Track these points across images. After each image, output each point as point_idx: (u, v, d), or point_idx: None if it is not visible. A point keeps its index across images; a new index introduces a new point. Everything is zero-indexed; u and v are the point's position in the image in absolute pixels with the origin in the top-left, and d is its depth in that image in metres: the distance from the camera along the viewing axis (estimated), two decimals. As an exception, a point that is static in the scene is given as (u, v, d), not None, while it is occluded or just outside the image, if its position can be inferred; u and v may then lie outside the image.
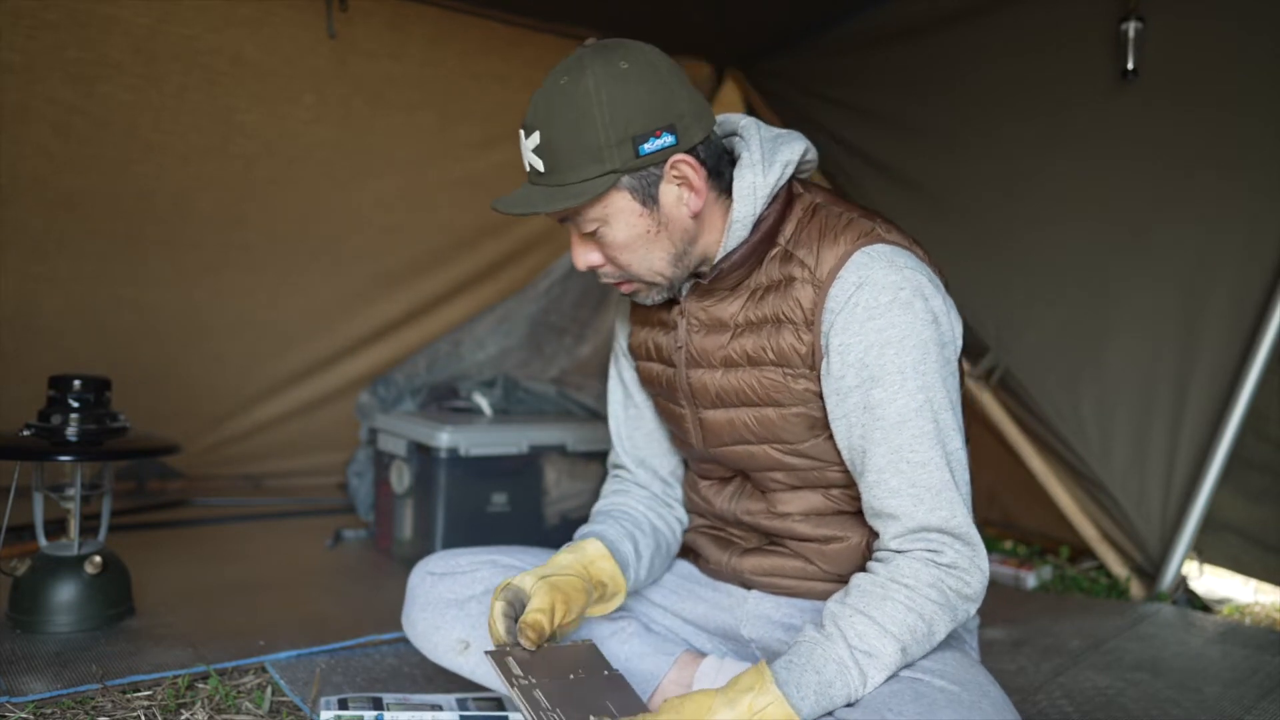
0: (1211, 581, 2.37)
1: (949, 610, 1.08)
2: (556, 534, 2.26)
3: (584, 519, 2.32)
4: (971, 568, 1.09)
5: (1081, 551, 2.50)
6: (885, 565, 1.10)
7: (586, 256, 1.18)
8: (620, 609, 1.33)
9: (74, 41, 2.44)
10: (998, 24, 2.48)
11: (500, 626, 1.12)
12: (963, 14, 2.55)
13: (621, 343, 1.42)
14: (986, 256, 2.50)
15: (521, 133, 1.14)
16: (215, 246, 2.79)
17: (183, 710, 1.37)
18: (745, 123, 1.21)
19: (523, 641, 1.11)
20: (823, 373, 1.13)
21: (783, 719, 0.99)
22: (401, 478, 2.23)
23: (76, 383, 1.67)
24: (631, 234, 1.13)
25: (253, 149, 2.75)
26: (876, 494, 1.11)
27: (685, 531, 1.43)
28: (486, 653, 1.11)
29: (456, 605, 1.32)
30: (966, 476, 1.12)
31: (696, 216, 1.15)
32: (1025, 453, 2.48)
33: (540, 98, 1.11)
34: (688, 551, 1.44)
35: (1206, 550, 2.29)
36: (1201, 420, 2.16)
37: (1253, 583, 2.38)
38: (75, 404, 1.66)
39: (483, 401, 2.43)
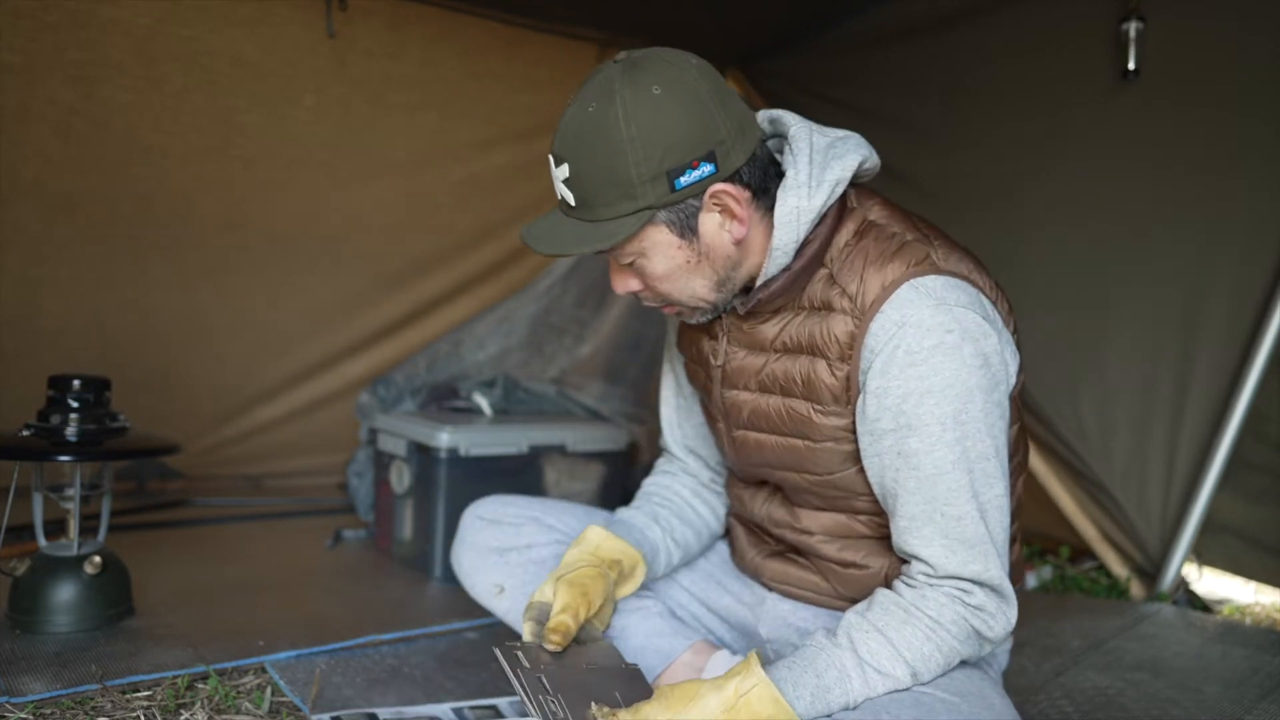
0: (1211, 582, 2.37)
1: (969, 645, 1.07)
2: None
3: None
4: (998, 614, 1.06)
5: (1081, 552, 2.50)
6: (912, 591, 1.07)
7: (625, 284, 1.13)
8: (649, 591, 1.36)
9: (74, 43, 2.44)
10: (998, 24, 2.48)
11: (510, 648, 1.13)
12: (963, 14, 2.55)
13: (672, 336, 1.41)
14: (986, 256, 2.46)
15: (551, 159, 1.06)
16: (215, 247, 2.79)
17: (182, 710, 1.37)
18: (796, 129, 1.10)
19: (548, 647, 1.12)
20: (858, 409, 1.08)
21: (769, 700, 0.99)
22: (401, 478, 2.23)
23: (76, 383, 1.67)
24: (670, 266, 1.07)
25: (253, 150, 2.75)
26: (908, 539, 1.08)
27: (733, 515, 1.43)
28: (496, 648, 1.12)
29: (498, 553, 1.39)
30: (1005, 523, 1.07)
31: (740, 242, 1.08)
32: (1025, 453, 2.48)
33: (569, 125, 1.02)
34: (728, 535, 1.46)
35: (1205, 552, 2.28)
36: (1202, 420, 2.16)
37: (1253, 583, 2.37)
38: (75, 404, 1.66)
39: (483, 401, 2.43)
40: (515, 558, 1.38)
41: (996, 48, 2.49)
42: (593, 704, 1.04)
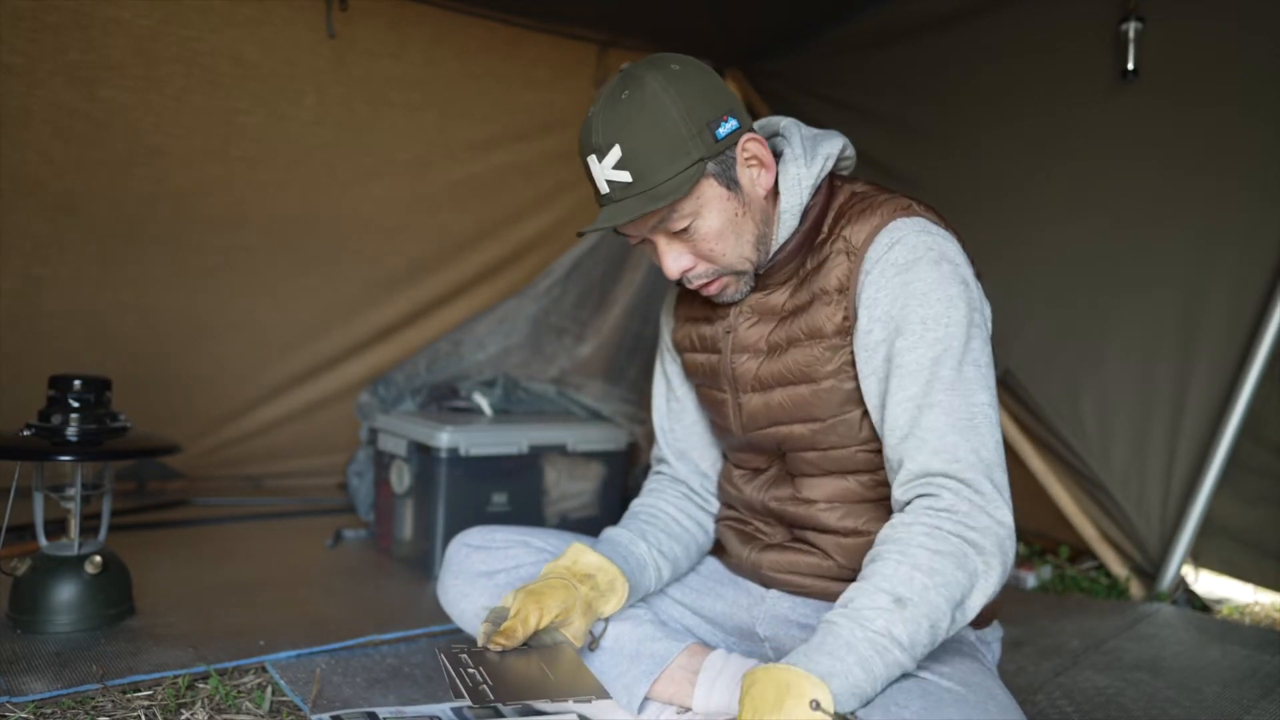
0: (1211, 581, 2.37)
1: (953, 559, 1.00)
2: (556, 534, 2.26)
3: (584, 519, 2.35)
4: (974, 511, 1.02)
5: (1081, 551, 2.50)
6: (883, 531, 1.07)
7: (679, 261, 1.20)
8: (641, 603, 1.38)
9: (75, 44, 2.44)
10: (997, 24, 2.48)
11: (484, 643, 1.22)
12: (963, 14, 2.55)
13: (666, 338, 1.47)
14: (986, 256, 2.47)
15: (591, 159, 1.15)
16: (216, 248, 2.79)
17: (183, 710, 1.38)
18: (786, 123, 1.27)
19: (491, 647, 1.19)
20: (854, 335, 1.17)
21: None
22: (401, 478, 2.24)
23: (77, 383, 1.67)
24: (723, 219, 1.17)
25: (254, 150, 2.75)
26: (889, 443, 1.12)
27: (722, 515, 1.45)
28: (438, 649, 1.18)
29: (486, 576, 1.40)
30: (995, 436, 1.07)
31: (768, 195, 1.21)
32: (1025, 452, 2.48)
33: (605, 117, 1.13)
34: (714, 545, 1.48)
35: (1202, 554, 2.28)
36: (1201, 420, 2.16)
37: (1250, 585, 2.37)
38: (75, 404, 1.67)
39: (483, 401, 2.43)
40: (503, 579, 1.38)
41: (996, 48, 2.49)
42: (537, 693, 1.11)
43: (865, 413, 1.20)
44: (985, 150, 2.54)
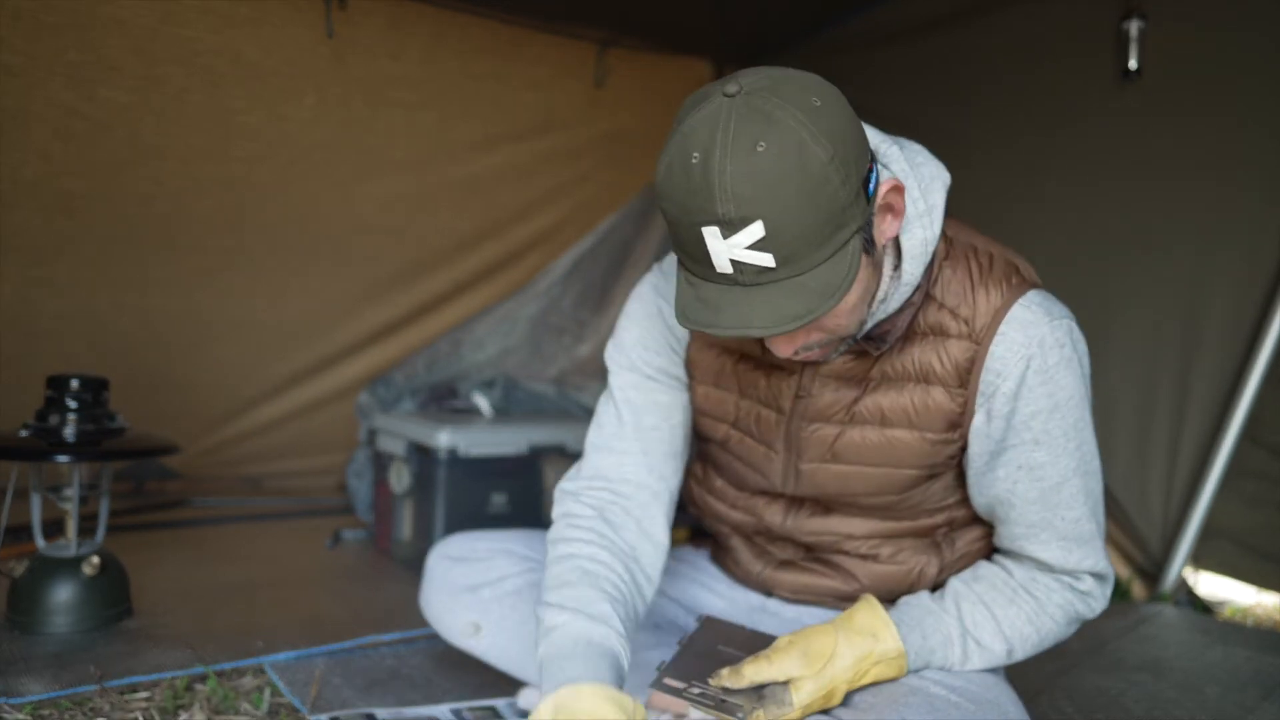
0: (1213, 583, 2.36)
1: (1064, 628, 1.12)
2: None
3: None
4: (1101, 596, 1.12)
5: (1083, 552, 2.49)
6: (1023, 572, 1.12)
7: (795, 340, 0.94)
8: None
9: (75, 44, 2.43)
10: (998, 24, 2.47)
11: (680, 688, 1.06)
12: (963, 14, 2.55)
13: (675, 357, 1.20)
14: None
15: (713, 230, 0.83)
16: (215, 248, 2.78)
17: (181, 711, 1.37)
18: (886, 148, 1.01)
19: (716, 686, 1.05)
20: (973, 431, 1.07)
21: (896, 669, 1.03)
22: (401, 478, 2.23)
23: (74, 383, 1.67)
24: (860, 292, 0.93)
25: (253, 151, 2.74)
26: (1023, 544, 1.11)
27: (716, 530, 1.35)
28: (672, 693, 1.07)
29: (470, 591, 1.34)
30: (1104, 513, 1.13)
31: (887, 244, 0.99)
32: (1026, 453, 2.47)
33: (738, 179, 0.80)
34: (711, 545, 1.40)
35: (1203, 557, 2.27)
36: (1203, 420, 2.15)
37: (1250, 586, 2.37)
38: (73, 404, 1.66)
39: (482, 401, 2.43)
40: (488, 593, 1.33)
41: (996, 47, 2.48)
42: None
43: (941, 477, 1.14)
44: (985, 149, 2.53)
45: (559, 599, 1.04)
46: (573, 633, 1.00)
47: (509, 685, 1.45)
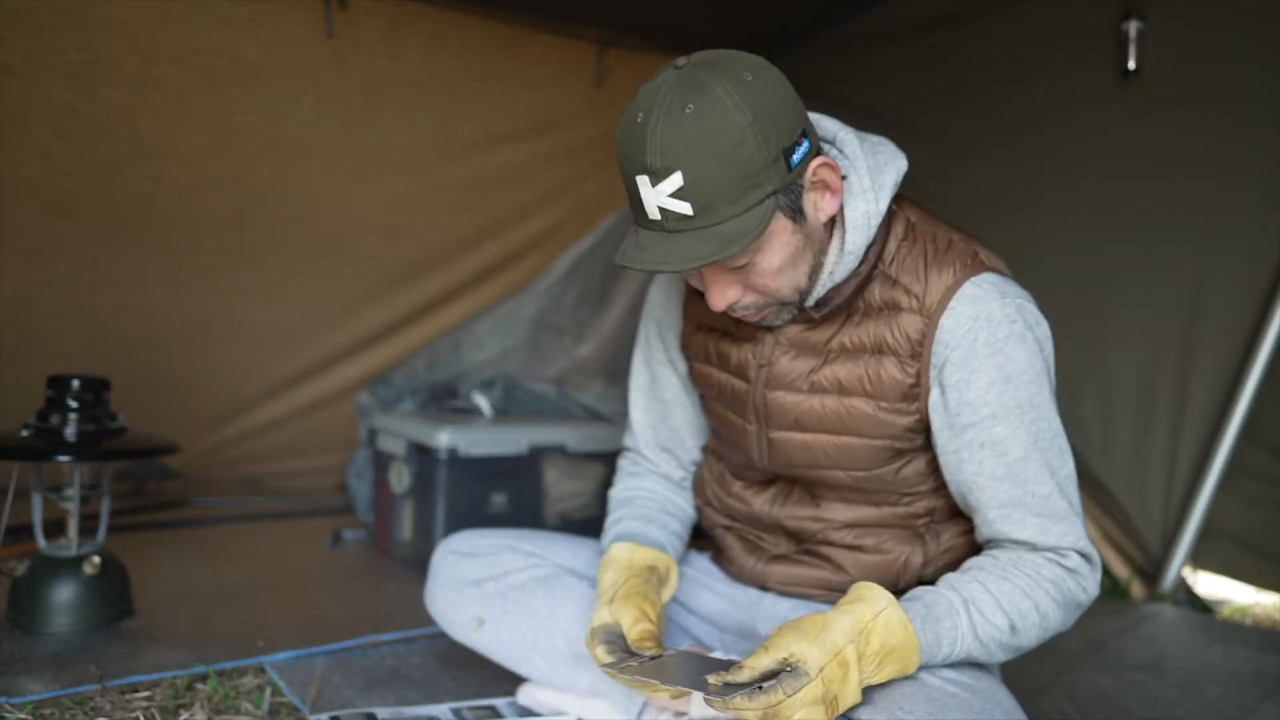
0: (1212, 582, 2.36)
1: (1063, 609, 1.10)
2: (556, 534, 2.25)
3: (584, 520, 2.34)
4: (1090, 577, 1.12)
5: (1082, 552, 2.49)
6: (1008, 555, 1.12)
7: (725, 294, 1.06)
8: None
9: (74, 43, 2.43)
10: (997, 24, 2.48)
11: (612, 661, 1.10)
12: (962, 14, 2.55)
13: (669, 337, 1.35)
14: (987, 256, 2.49)
15: (644, 179, 0.97)
16: (215, 248, 2.78)
17: (181, 711, 1.37)
18: (844, 135, 1.11)
19: (649, 654, 1.10)
20: (931, 406, 1.11)
21: (898, 624, 1.01)
22: (401, 478, 2.23)
23: (75, 383, 1.67)
24: (785, 254, 1.03)
25: (253, 150, 2.74)
26: (1000, 527, 1.12)
27: (713, 527, 1.39)
28: (604, 667, 1.08)
29: (475, 585, 1.36)
30: (1077, 493, 1.14)
31: (828, 222, 1.08)
32: (1026, 453, 2.47)
33: (663, 133, 0.94)
34: (712, 547, 1.43)
35: (1202, 557, 2.28)
36: (1203, 420, 2.16)
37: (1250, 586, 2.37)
38: (74, 404, 1.66)
39: (483, 401, 2.43)
40: (492, 587, 1.35)
41: (996, 47, 2.49)
42: (710, 676, 1.01)
43: (913, 459, 1.16)
44: (985, 149, 2.53)
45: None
46: (626, 527, 1.30)
47: (509, 685, 1.46)
